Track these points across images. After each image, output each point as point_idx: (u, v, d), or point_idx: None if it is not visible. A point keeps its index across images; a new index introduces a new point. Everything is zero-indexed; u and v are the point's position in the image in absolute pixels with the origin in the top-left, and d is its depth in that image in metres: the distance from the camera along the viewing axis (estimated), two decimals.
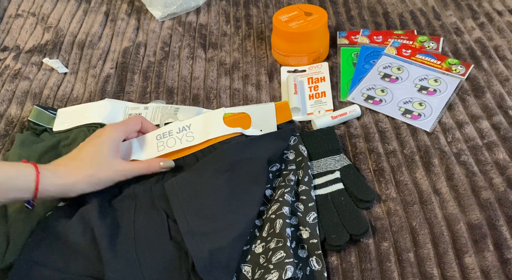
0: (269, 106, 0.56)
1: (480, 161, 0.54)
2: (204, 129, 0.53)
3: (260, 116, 0.55)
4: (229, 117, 0.54)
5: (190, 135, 0.53)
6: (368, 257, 0.46)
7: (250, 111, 0.55)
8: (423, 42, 0.71)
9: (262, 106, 0.56)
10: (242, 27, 0.79)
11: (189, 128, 0.54)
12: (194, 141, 0.53)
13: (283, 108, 0.56)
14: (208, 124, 0.54)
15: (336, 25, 0.77)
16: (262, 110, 0.56)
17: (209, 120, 0.54)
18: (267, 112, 0.56)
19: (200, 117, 0.54)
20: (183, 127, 0.54)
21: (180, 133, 0.53)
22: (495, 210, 0.49)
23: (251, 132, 0.54)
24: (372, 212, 0.50)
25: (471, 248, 0.46)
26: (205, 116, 0.54)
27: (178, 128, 0.54)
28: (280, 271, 0.40)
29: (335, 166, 0.54)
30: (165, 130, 0.54)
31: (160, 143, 0.54)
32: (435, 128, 0.59)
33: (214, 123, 0.53)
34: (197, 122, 0.54)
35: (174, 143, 0.53)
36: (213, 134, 0.53)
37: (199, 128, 0.53)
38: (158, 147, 0.53)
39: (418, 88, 0.64)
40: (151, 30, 0.79)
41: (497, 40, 0.70)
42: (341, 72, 0.68)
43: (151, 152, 0.54)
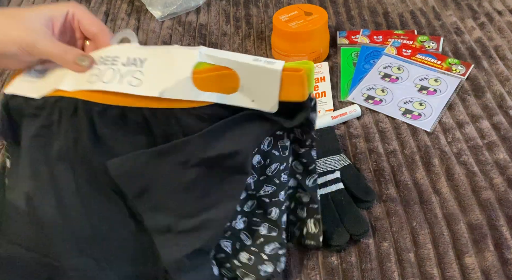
0: (273, 71, 0.33)
1: (480, 161, 0.54)
2: (160, 78, 0.35)
3: (254, 79, 0.34)
4: (204, 71, 0.35)
5: (138, 76, 0.35)
6: (368, 257, 0.46)
7: (242, 68, 0.34)
8: (423, 42, 0.71)
9: (261, 67, 0.34)
10: (242, 27, 0.79)
11: (141, 64, 0.36)
12: (140, 89, 0.35)
13: (296, 79, 0.33)
14: (169, 72, 0.35)
15: (336, 25, 0.77)
16: (260, 72, 0.34)
17: (172, 68, 0.35)
18: (268, 78, 0.34)
19: (163, 55, 0.36)
20: (134, 59, 0.36)
21: (126, 66, 0.36)
22: (496, 210, 0.49)
23: (235, 101, 0.35)
24: (372, 212, 0.50)
25: (472, 248, 0.46)
26: (170, 57, 0.36)
27: (127, 57, 0.36)
28: (275, 263, 0.39)
29: (335, 166, 0.54)
30: (109, 54, 0.37)
31: (94, 72, 0.37)
32: (435, 128, 0.58)
33: (179, 76, 0.35)
34: (156, 61, 0.36)
35: (111, 79, 0.36)
36: (169, 94, 0.35)
37: (154, 73, 0.35)
38: (89, 76, 0.37)
39: (418, 88, 0.64)
40: (151, 30, 0.79)
41: (497, 40, 0.70)
42: (341, 72, 0.68)
43: (78, 81, 0.37)
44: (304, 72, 0.33)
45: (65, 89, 0.37)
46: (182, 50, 0.36)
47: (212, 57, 0.35)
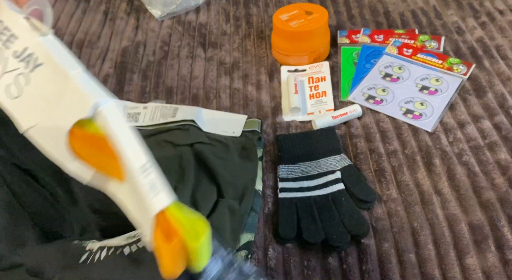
0: (149, 207, 0.23)
1: (481, 161, 0.54)
2: (39, 105, 0.26)
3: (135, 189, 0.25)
4: (81, 130, 0.25)
5: (21, 83, 0.27)
6: (369, 258, 0.46)
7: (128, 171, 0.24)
8: (424, 41, 0.71)
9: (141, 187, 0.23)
10: (242, 26, 0.79)
11: (33, 68, 0.26)
12: (14, 104, 0.27)
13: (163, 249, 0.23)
14: (52, 104, 0.26)
15: (337, 24, 0.77)
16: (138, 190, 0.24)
17: (58, 104, 0.25)
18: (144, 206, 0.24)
19: (57, 75, 0.25)
20: (30, 54, 0.26)
21: (17, 59, 0.27)
22: (497, 211, 0.49)
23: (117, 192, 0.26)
24: (373, 212, 0.50)
25: (473, 249, 0.46)
26: (61, 86, 0.25)
27: (24, 46, 0.27)
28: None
29: (335, 166, 0.54)
30: (8, 23, 0.27)
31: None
32: (437, 128, 0.58)
33: (58, 120, 0.26)
34: (47, 76, 0.26)
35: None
36: (36, 135, 0.27)
37: (38, 90, 0.26)
38: None
39: (419, 87, 0.63)
40: (151, 29, 0.79)
41: (498, 39, 0.70)
42: (342, 71, 0.68)
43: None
44: (176, 244, 0.20)
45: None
46: (80, 89, 0.24)
47: (106, 125, 0.23)
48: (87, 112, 0.24)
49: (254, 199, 0.51)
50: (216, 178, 0.51)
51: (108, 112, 0.24)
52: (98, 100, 0.24)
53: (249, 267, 0.25)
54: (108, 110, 0.24)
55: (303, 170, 0.54)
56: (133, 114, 0.62)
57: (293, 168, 0.55)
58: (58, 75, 0.25)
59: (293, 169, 0.55)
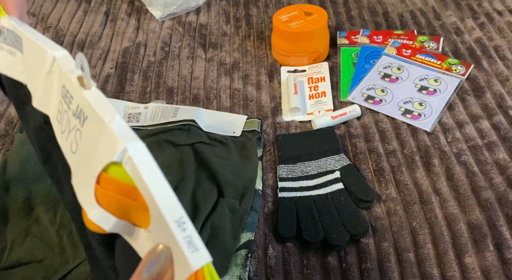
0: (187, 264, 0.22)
1: (480, 161, 0.54)
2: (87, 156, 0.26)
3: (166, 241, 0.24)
4: (112, 183, 0.24)
5: (78, 140, 0.28)
6: (368, 257, 0.46)
7: (157, 219, 0.23)
8: (423, 42, 0.71)
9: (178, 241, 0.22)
10: (242, 27, 0.79)
11: (83, 123, 0.27)
12: (71, 158, 0.29)
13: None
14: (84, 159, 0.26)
15: (336, 25, 0.77)
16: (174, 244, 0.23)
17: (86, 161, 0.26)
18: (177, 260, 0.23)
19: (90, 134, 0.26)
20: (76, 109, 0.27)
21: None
22: (495, 210, 0.49)
23: (136, 241, 0.25)
24: (372, 212, 0.50)
25: (471, 248, 0.46)
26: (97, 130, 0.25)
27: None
28: None
29: (335, 166, 0.54)
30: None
31: (59, 114, 0.31)
32: (435, 128, 0.58)
33: (95, 160, 0.25)
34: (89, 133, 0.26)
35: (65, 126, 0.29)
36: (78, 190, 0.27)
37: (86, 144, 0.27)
38: (57, 113, 0.31)
39: (418, 88, 0.64)
40: (151, 30, 0.79)
41: (497, 40, 0.70)
42: (341, 72, 0.68)
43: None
44: None
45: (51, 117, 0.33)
46: (113, 132, 0.24)
47: (136, 174, 0.22)
48: (116, 156, 0.23)
49: (254, 199, 0.52)
50: (216, 177, 0.52)
51: (138, 158, 0.22)
52: (128, 144, 0.23)
53: None
54: (138, 156, 0.23)
55: (303, 170, 0.54)
56: (134, 114, 0.62)
57: (293, 168, 0.55)
58: (98, 124, 0.25)
59: (293, 169, 0.55)
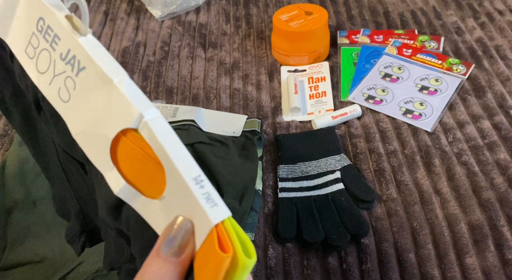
0: (205, 218, 0.22)
1: (481, 161, 0.54)
2: (84, 111, 0.26)
3: (180, 202, 0.23)
4: (131, 141, 0.24)
5: (69, 87, 0.26)
6: (369, 258, 0.46)
7: (174, 178, 0.23)
8: (424, 41, 0.71)
9: (196, 198, 0.22)
10: (242, 27, 0.79)
11: (78, 72, 0.25)
12: (64, 109, 0.27)
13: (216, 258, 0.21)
14: (95, 112, 0.25)
15: (337, 25, 0.77)
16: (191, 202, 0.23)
17: (102, 110, 0.25)
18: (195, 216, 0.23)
19: (101, 81, 0.25)
20: (73, 57, 0.25)
21: (63, 62, 0.26)
22: (496, 211, 0.49)
23: (145, 210, 0.25)
24: (372, 212, 0.50)
25: (472, 249, 0.46)
26: (107, 92, 0.24)
27: (68, 48, 0.26)
28: None
29: (335, 166, 0.54)
30: (49, 20, 0.26)
31: (32, 39, 0.28)
32: (436, 128, 0.58)
33: (102, 127, 0.25)
34: (90, 82, 0.25)
35: (45, 70, 0.27)
36: (81, 143, 0.27)
37: (83, 96, 0.26)
38: (28, 42, 0.28)
39: (419, 87, 0.64)
40: (151, 29, 0.79)
41: (498, 39, 0.70)
42: (342, 71, 0.68)
43: (18, 41, 0.29)
44: (229, 257, 0.20)
45: (10, 44, 0.30)
46: (126, 97, 0.23)
47: (153, 137, 0.22)
48: (133, 122, 0.23)
49: (254, 199, 0.51)
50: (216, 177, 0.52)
51: (154, 123, 0.23)
52: (144, 111, 0.23)
53: None
54: (155, 121, 0.23)
55: (303, 170, 0.54)
56: None
57: (293, 168, 0.55)
58: (102, 80, 0.24)
59: (293, 169, 0.55)
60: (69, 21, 0.25)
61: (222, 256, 0.20)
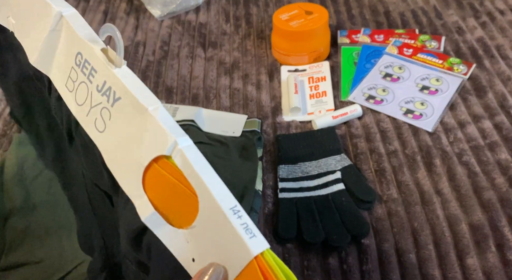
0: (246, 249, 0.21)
1: (482, 161, 0.54)
2: (117, 139, 0.26)
3: (214, 233, 0.23)
4: (163, 168, 0.24)
5: (105, 118, 0.27)
6: (369, 258, 0.46)
7: (208, 206, 0.22)
8: (424, 41, 0.70)
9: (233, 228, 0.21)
10: (242, 26, 0.78)
11: (113, 102, 0.26)
12: (100, 139, 0.28)
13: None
14: (129, 140, 0.26)
15: (337, 24, 0.77)
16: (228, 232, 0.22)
17: (135, 137, 0.25)
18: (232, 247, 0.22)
19: (135, 110, 0.25)
20: (109, 88, 0.26)
21: (99, 93, 0.27)
22: (497, 211, 0.48)
23: (170, 240, 0.24)
24: (373, 212, 0.50)
25: (473, 249, 0.46)
26: (141, 120, 0.25)
27: (104, 80, 0.27)
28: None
29: (335, 167, 0.54)
30: (85, 53, 0.28)
31: (71, 73, 0.29)
32: (437, 128, 0.58)
33: (134, 154, 0.25)
34: (125, 111, 0.26)
35: (82, 102, 0.28)
36: (114, 171, 0.27)
37: (118, 123, 0.26)
38: (68, 74, 0.30)
39: (419, 87, 0.63)
40: (150, 29, 0.79)
41: (499, 39, 0.70)
42: (342, 71, 0.68)
43: (59, 71, 0.30)
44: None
45: (53, 79, 0.31)
46: (160, 125, 0.24)
47: (187, 165, 0.22)
48: (166, 149, 0.23)
49: (254, 199, 0.51)
50: None
51: (189, 151, 0.23)
52: (178, 138, 0.23)
53: None
54: (189, 149, 0.23)
55: (303, 170, 0.54)
56: None
57: (293, 168, 0.55)
58: (137, 109, 0.25)
59: (293, 169, 0.54)
60: (104, 54, 0.27)
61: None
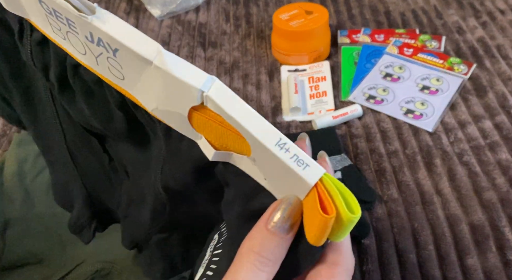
0: (302, 180, 0.20)
1: (482, 161, 0.54)
2: (145, 88, 0.24)
3: (270, 164, 0.22)
4: (202, 114, 0.23)
5: (116, 67, 0.24)
6: (369, 258, 0.46)
7: (256, 145, 0.22)
8: (425, 41, 0.70)
9: (285, 163, 0.20)
10: (242, 26, 0.78)
11: (113, 52, 0.23)
12: (127, 86, 0.25)
13: (318, 219, 0.20)
14: (155, 89, 0.23)
15: (337, 24, 0.77)
16: (281, 166, 0.21)
17: (160, 86, 0.23)
18: (290, 178, 0.21)
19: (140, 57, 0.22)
20: (99, 39, 0.23)
21: (93, 44, 0.23)
22: (498, 211, 0.48)
23: (244, 165, 0.24)
24: (373, 213, 0.50)
25: (474, 250, 0.46)
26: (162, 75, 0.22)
27: (89, 31, 0.23)
28: None
29: (336, 167, 0.53)
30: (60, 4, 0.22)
31: (52, 22, 0.25)
32: (437, 128, 0.58)
33: (176, 104, 0.23)
34: (131, 61, 0.23)
35: (83, 51, 0.25)
36: (164, 117, 0.25)
37: (133, 74, 0.23)
38: (49, 23, 0.25)
39: (420, 87, 0.63)
40: (150, 29, 0.79)
41: (499, 39, 0.70)
42: (342, 71, 0.68)
43: (42, 20, 0.26)
44: (332, 218, 0.20)
45: (33, 22, 0.27)
46: (175, 77, 0.22)
47: (220, 110, 0.22)
48: (196, 100, 0.22)
49: None
50: None
51: (216, 94, 0.21)
52: (200, 85, 0.21)
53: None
54: (216, 92, 0.21)
55: None
56: None
57: None
58: (141, 61, 0.22)
59: None
60: (66, 1, 0.22)
61: (325, 218, 0.20)
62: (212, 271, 0.27)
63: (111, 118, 0.29)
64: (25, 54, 0.30)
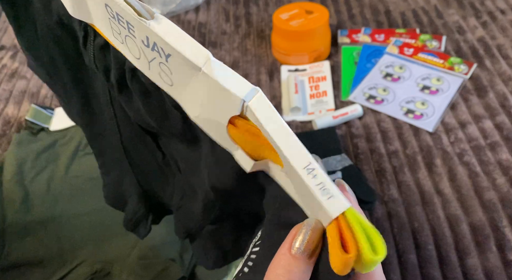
0: (326, 211, 0.20)
1: (483, 161, 0.53)
2: (191, 96, 0.25)
3: (300, 186, 0.22)
4: (242, 126, 0.23)
5: (167, 72, 0.25)
6: None
7: (287, 165, 0.22)
8: (425, 40, 0.70)
9: (311, 188, 0.21)
10: (242, 26, 0.78)
11: (166, 58, 0.24)
12: (175, 93, 0.26)
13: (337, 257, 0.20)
14: (199, 97, 0.24)
15: (337, 24, 0.76)
16: (307, 191, 0.21)
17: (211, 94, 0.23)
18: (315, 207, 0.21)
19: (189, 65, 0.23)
20: (154, 43, 0.24)
21: (148, 48, 0.24)
22: (498, 211, 0.48)
23: (279, 177, 0.25)
24: (373, 213, 0.50)
25: (474, 250, 0.46)
26: (206, 81, 0.23)
27: (145, 35, 0.24)
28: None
29: (336, 167, 0.53)
30: (119, 7, 0.24)
31: (113, 26, 0.26)
32: (438, 128, 0.58)
33: (217, 112, 0.24)
34: (182, 67, 0.23)
35: (138, 55, 0.26)
36: (204, 126, 0.26)
37: (182, 81, 0.24)
38: (111, 27, 0.27)
39: (420, 87, 0.63)
40: None
41: (500, 39, 0.69)
42: (343, 71, 0.68)
43: (102, 22, 0.27)
44: (352, 258, 0.19)
45: (95, 25, 0.28)
46: (220, 85, 0.22)
47: (258, 122, 0.22)
48: (237, 110, 0.22)
49: None
50: None
51: (256, 106, 0.22)
52: (243, 95, 0.22)
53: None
54: (256, 103, 0.22)
55: None
56: None
57: None
58: (190, 66, 0.23)
59: None
60: (128, 5, 0.23)
61: (344, 258, 0.19)
62: (248, 268, 0.27)
63: (166, 117, 0.30)
64: (88, 58, 0.31)
